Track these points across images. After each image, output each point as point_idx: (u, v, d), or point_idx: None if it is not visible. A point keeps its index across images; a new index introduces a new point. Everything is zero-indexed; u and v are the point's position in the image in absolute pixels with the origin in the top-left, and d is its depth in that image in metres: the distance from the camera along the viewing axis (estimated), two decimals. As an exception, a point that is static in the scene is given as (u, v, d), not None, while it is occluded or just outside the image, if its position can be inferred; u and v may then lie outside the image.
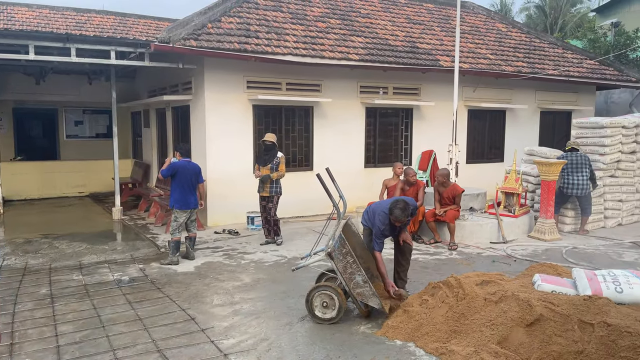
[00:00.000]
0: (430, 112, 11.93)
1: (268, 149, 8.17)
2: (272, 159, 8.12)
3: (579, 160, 9.00)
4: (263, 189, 8.17)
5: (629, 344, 3.71)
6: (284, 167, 8.20)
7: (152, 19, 16.15)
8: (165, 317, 5.27)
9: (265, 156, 8.20)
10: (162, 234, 8.98)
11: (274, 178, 8.07)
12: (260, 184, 8.19)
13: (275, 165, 8.10)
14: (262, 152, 8.34)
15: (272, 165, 8.08)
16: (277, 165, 8.11)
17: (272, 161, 8.10)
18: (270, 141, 8.13)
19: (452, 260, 7.41)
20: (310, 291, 5.10)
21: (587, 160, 9.04)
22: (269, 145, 8.14)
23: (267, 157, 8.17)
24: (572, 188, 9.00)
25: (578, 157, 9.05)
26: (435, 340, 4.45)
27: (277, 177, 8.12)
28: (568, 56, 14.25)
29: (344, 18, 12.02)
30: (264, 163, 8.15)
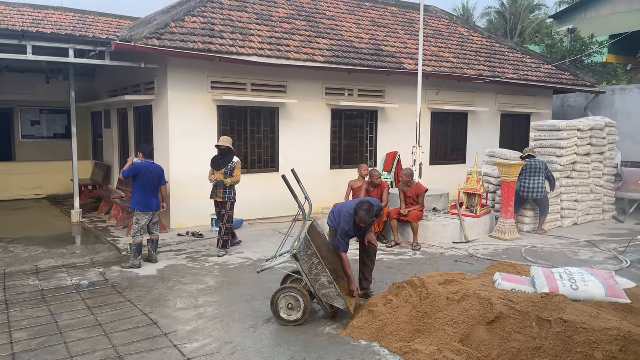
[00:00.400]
0: (394, 114, 12.07)
1: (223, 153, 7.76)
2: (227, 163, 7.67)
3: (536, 165, 9.29)
4: (216, 194, 7.73)
5: (584, 339, 3.84)
6: (239, 173, 7.75)
7: (113, 17, 15.79)
8: (126, 322, 5.15)
9: (220, 160, 7.76)
10: (123, 237, 8.78)
11: (227, 184, 7.61)
12: (213, 189, 7.74)
13: (230, 171, 7.65)
14: (217, 157, 7.86)
15: (226, 170, 7.63)
16: (232, 171, 7.66)
17: (227, 166, 7.66)
18: (225, 146, 7.72)
19: (416, 261, 7.51)
20: (275, 293, 5.07)
21: (544, 166, 9.34)
22: (223, 149, 7.73)
23: (221, 161, 7.74)
24: (529, 192, 9.29)
25: (536, 162, 9.33)
26: (400, 340, 4.50)
27: (232, 183, 7.65)
28: (527, 61, 14.68)
29: (310, 20, 12.04)
30: (219, 168, 7.71)
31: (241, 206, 10.04)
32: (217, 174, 7.68)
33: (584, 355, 3.76)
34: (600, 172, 10.61)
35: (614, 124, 10.92)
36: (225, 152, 7.74)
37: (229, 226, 7.80)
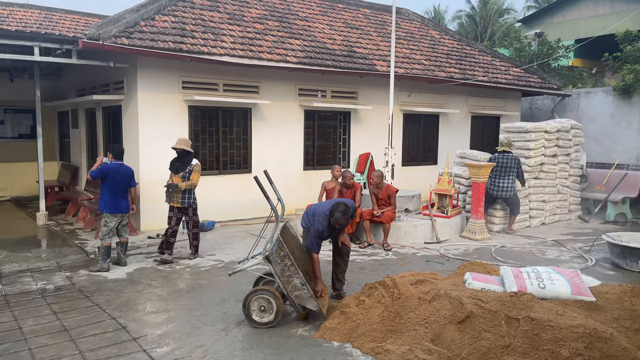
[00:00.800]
0: (367, 115, 12.14)
1: (181, 156, 7.39)
2: (185, 166, 7.33)
3: (508, 163, 9.39)
4: (172, 198, 7.35)
5: (551, 337, 3.92)
6: (197, 177, 7.38)
7: (80, 15, 15.42)
8: (94, 327, 5.02)
9: (178, 163, 7.40)
10: (91, 240, 8.58)
11: (182, 188, 7.24)
12: (167, 193, 7.38)
13: (188, 174, 7.31)
14: (175, 159, 7.48)
15: (184, 174, 7.29)
16: (189, 174, 7.31)
17: (185, 169, 7.31)
18: (180, 148, 7.35)
19: (389, 261, 7.56)
20: (247, 295, 5.03)
21: (516, 163, 9.44)
22: (180, 152, 7.37)
23: (179, 164, 7.38)
24: (498, 190, 9.43)
25: (507, 159, 9.41)
26: (372, 340, 4.51)
27: (187, 187, 7.28)
28: (496, 64, 14.95)
29: (282, 20, 12.00)
30: (176, 171, 7.36)
31: (213, 208, 9.98)
32: (175, 177, 7.35)
33: (551, 352, 3.83)
34: (566, 172, 10.88)
35: (579, 126, 11.22)
36: (183, 154, 7.39)
37: (197, 231, 7.58)
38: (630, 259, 7.08)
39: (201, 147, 10.01)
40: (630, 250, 7.09)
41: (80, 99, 11.13)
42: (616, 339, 3.86)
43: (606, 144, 14.03)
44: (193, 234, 7.55)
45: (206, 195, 9.96)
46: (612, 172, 11.81)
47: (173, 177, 7.38)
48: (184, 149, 7.33)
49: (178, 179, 7.32)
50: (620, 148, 13.75)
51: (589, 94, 14.76)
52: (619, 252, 7.24)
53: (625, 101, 13.75)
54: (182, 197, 7.36)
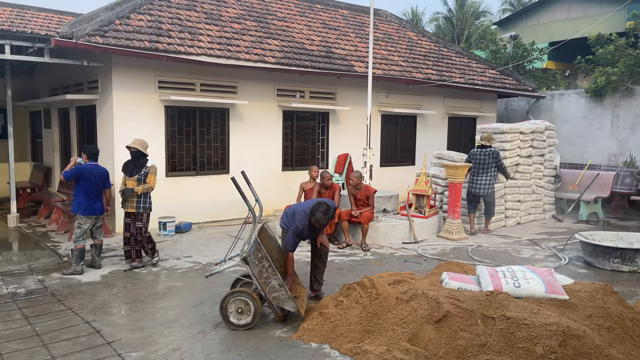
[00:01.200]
0: (345, 116, 12.16)
1: (135, 157, 6.94)
2: (140, 169, 6.88)
3: (486, 159, 9.42)
4: (127, 204, 6.89)
5: (526, 335, 3.97)
6: (153, 179, 6.93)
7: (53, 13, 15.11)
8: (67, 331, 4.92)
9: (132, 165, 6.94)
10: (64, 242, 8.41)
11: (138, 192, 6.80)
12: (123, 198, 6.91)
13: (143, 177, 6.87)
14: (129, 161, 7.04)
15: (139, 177, 6.84)
16: (145, 177, 6.88)
17: (140, 172, 6.86)
18: (135, 148, 6.89)
19: (367, 261, 7.58)
20: (224, 297, 4.98)
21: (493, 158, 9.44)
22: (135, 153, 6.92)
23: (133, 166, 6.92)
24: (476, 188, 9.51)
25: (485, 155, 9.44)
26: (350, 341, 4.51)
27: (143, 191, 6.83)
28: (473, 65, 15.14)
29: (260, 20, 11.95)
30: (130, 174, 6.90)
31: (190, 209, 9.88)
32: (129, 181, 6.90)
33: (526, 350, 3.89)
34: (540, 173, 11.07)
35: (553, 127, 11.43)
36: (138, 155, 6.94)
37: (148, 235, 7.09)
38: (602, 258, 7.24)
39: (178, 147, 9.90)
40: (602, 249, 7.24)
41: (53, 99, 10.91)
42: (589, 336, 3.93)
43: (579, 144, 14.34)
44: (147, 238, 7.10)
45: (183, 197, 9.87)
46: (584, 173, 12.07)
47: (127, 181, 6.93)
48: (138, 149, 6.89)
49: (133, 182, 6.87)
50: (592, 149, 14.07)
51: (562, 96, 15.06)
52: (591, 251, 7.40)
53: (597, 103, 14.07)
54: (137, 201, 6.88)
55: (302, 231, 5.42)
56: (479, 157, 9.50)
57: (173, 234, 9.09)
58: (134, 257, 7.05)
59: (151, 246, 7.17)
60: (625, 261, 7.09)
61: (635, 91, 13.25)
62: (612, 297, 4.71)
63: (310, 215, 5.35)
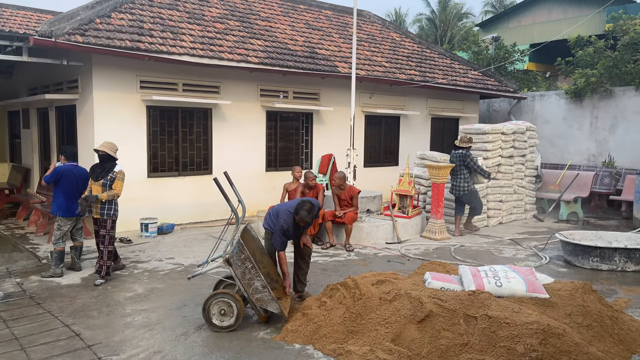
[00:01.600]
0: (329, 116, 12.17)
1: (103, 161, 6.51)
2: (107, 173, 6.44)
3: (456, 161, 9.47)
4: (92, 210, 6.48)
5: (507, 334, 4.01)
6: (120, 185, 6.48)
7: (33, 11, 14.85)
8: (46, 335, 4.83)
9: (98, 169, 6.51)
10: (44, 244, 8.26)
11: (103, 199, 6.35)
12: (83, 205, 6.40)
13: (110, 182, 6.42)
14: (96, 165, 6.62)
15: (105, 182, 6.39)
16: (111, 182, 6.43)
17: (107, 176, 6.42)
18: (103, 151, 6.47)
19: (350, 262, 7.59)
20: (207, 299, 4.94)
21: (461, 160, 9.38)
22: (103, 156, 6.49)
23: (100, 171, 6.48)
24: (452, 189, 9.62)
25: (455, 157, 9.51)
26: (333, 342, 4.51)
27: (108, 198, 6.36)
28: (455, 66, 15.26)
29: (243, 20, 11.90)
30: (96, 178, 6.45)
31: (172, 210, 9.79)
32: (95, 185, 6.43)
33: (507, 348, 3.92)
34: (522, 173, 11.20)
35: (534, 127, 11.57)
36: (106, 159, 6.52)
37: (111, 249, 6.55)
38: (582, 257, 7.34)
39: (160, 148, 9.80)
40: (581, 248, 7.35)
41: (32, 98, 10.72)
42: (569, 334, 3.99)
43: (559, 145, 14.54)
44: (108, 251, 6.46)
45: (165, 198, 9.78)
46: (564, 173, 12.24)
47: (92, 185, 6.47)
48: (106, 152, 6.48)
49: (98, 187, 6.41)
50: (572, 149, 14.28)
51: (543, 97, 15.26)
52: (571, 250, 7.50)
53: (577, 104, 14.28)
54: (102, 207, 6.42)
55: (288, 230, 5.41)
56: (453, 159, 9.59)
57: (155, 236, 9.00)
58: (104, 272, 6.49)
59: (109, 264, 6.48)
60: (604, 260, 7.20)
61: (614, 93, 13.49)
62: (592, 295, 4.78)
63: (295, 213, 5.34)
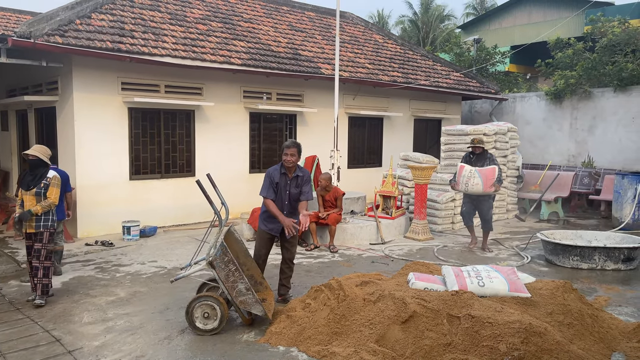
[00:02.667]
0: (313, 118, 12.17)
1: (34, 167, 5.77)
2: (39, 180, 5.73)
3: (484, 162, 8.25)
4: (23, 226, 5.71)
5: (490, 333, 4.04)
6: (55, 192, 5.74)
7: (12, 12, 14.64)
8: (25, 341, 4.75)
9: (30, 177, 5.76)
10: (22, 249, 8.09)
11: (38, 213, 5.64)
12: (17, 223, 5.69)
13: (44, 189, 5.73)
14: (27, 172, 5.91)
15: (38, 190, 5.70)
16: (45, 189, 5.73)
17: (39, 184, 5.72)
18: (33, 156, 5.75)
19: (335, 263, 7.59)
20: (190, 302, 4.90)
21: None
22: (33, 161, 5.76)
23: (31, 178, 5.74)
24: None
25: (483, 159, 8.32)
26: (318, 343, 4.50)
27: (44, 210, 5.66)
28: (438, 68, 15.38)
29: (226, 22, 11.85)
30: (27, 187, 5.72)
31: (155, 212, 9.70)
32: (26, 195, 5.71)
33: (490, 348, 3.96)
34: (504, 174, 11.32)
35: (515, 128, 11.72)
36: (37, 164, 5.79)
37: (49, 264, 5.79)
38: (562, 256, 7.45)
39: (142, 150, 9.71)
40: (562, 247, 7.46)
41: (10, 100, 10.55)
42: (550, 333, 4.04)
43: (540, 146, 14.74)
44: (44, 267, 5.72)
45: (147, 200, 9.69)
46: (545, 173, 12.41)
47: (24, 196, 5.74)
48: (37, 156, 5.77)
49: (31, 197, 5.69)
50: (552, 150, 14.48)
51: (523, 99, 15.45)
52: (552, 249, 7.61)
53: (557, 105, 14.49)
54: (37, 219, 5.71)
55: (273, 177, 5.55)
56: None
57: (137, 239, 8.90)
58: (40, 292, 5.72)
59: (46, 282, 5.75)
60: (584, 259, 7.31)
61: (593, 94, 13.71)
62: (572, 294, 4.85)
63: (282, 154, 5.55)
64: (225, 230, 5.21)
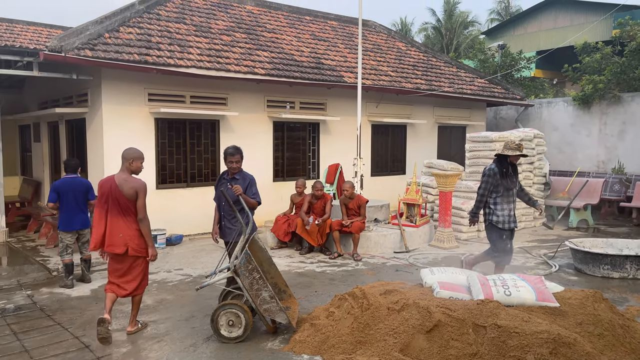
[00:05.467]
0: (336, 126, 12.20)
1: None
2: None
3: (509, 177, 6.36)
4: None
5: (517, 343, 3.98)
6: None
7: (43, 27, 15.10)
8: (56, 347, 4.86)
9: None
10: (54, 257, 8.32)
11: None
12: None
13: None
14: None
15: None
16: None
17: None
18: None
19: (359, 271, 7.57)
20: (215, 310, 4.95)
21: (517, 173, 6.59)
22: None
23: None
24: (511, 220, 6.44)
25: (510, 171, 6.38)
26: (342, 352, 4.49)
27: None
28: (462, 75, 15.27)
29: (250, 32, 12.01)
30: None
31: (181, 221, 9.83)
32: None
33: (517, 358, 3.89)
34: (530, 181, 11.14)
35: (541, 135, 11.53)
36: None
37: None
38: (592, 264, 7.28)
39: (168, 159, 9.87)
40: (592, 255, 7.29)
41: (42, 112, 10.87)
42: (580, 343, 3.95)
43: (568, 152, 14.47)
44: None
45: (173, 209, 9.83)
46: (573, 180, 12.16)
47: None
48: None
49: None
50: (580, 156, 14.19)
51: (550, 104, 15.21)
52: (582, 258, 7.44)
53: (584, 111, 14.22)
54: None
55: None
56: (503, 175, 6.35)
57: (164, 247, 9.04)
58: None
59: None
60: (615, 268, 7.13)
61: (622, 98, 13.42)
62: (603, 303, 4.73)
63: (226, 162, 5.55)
64: (249, 238, 5.25)
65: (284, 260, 8.14)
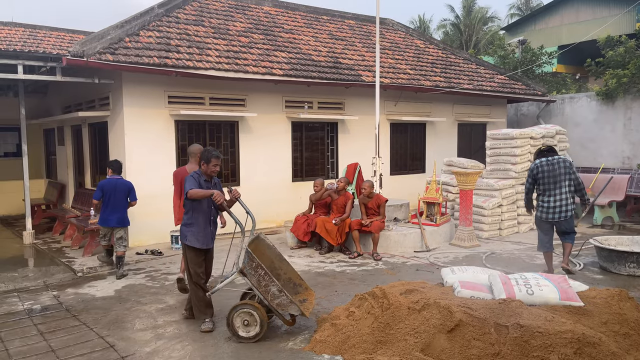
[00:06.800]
0: (354, 125, 12.18)
1: None
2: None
3: (559, 168, 6.84)
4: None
5: (540, 343, 3.92)
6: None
7: (65, 32, 15.40)
8: (81, 347, 4.95)
9: None
10: (78, 258, 8.48)
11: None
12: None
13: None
14: None
15: None
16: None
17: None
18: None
19: (379, 271, 7.55)
20: (228, 314, 5.01)
21: (567, 169, 6.93)
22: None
23: None
24: (549, 212, 6.94)
25: (555, 166, 6.86)
26: (362, 352, 4.48)
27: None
28: (481, 71, 15.10)
29: (267, 33, 12.06)
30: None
31: (202, 222, 9.91)
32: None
33: (540, 358, 3.84)
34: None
35: (564, 131, 11.33)
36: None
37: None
38: (618, 263, 7.14)
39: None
40: (617, 253, 7.15)
41: (66, 116, 11.08)
42: (605, 343, 3.88)
43: (591, 148, 14.20)
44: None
45: (195, 210, 9.91)
46: (597, 176, 11.93)
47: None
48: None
49: None
50: (605, 152, 13.92)
51: (573, 100, 14.94)
52: (607, 256, 7.30)
53: (608, 106, 13.94)
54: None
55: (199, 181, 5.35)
56: (549, 168, 6.87)
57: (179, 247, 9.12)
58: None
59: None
60: (642, 265, 6.97)
61: (647, 93, 13.11)
62: (629, 302, 4.64)
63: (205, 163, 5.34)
64: (249, 238, 5.32)
65: (304, 260, 8.16)
